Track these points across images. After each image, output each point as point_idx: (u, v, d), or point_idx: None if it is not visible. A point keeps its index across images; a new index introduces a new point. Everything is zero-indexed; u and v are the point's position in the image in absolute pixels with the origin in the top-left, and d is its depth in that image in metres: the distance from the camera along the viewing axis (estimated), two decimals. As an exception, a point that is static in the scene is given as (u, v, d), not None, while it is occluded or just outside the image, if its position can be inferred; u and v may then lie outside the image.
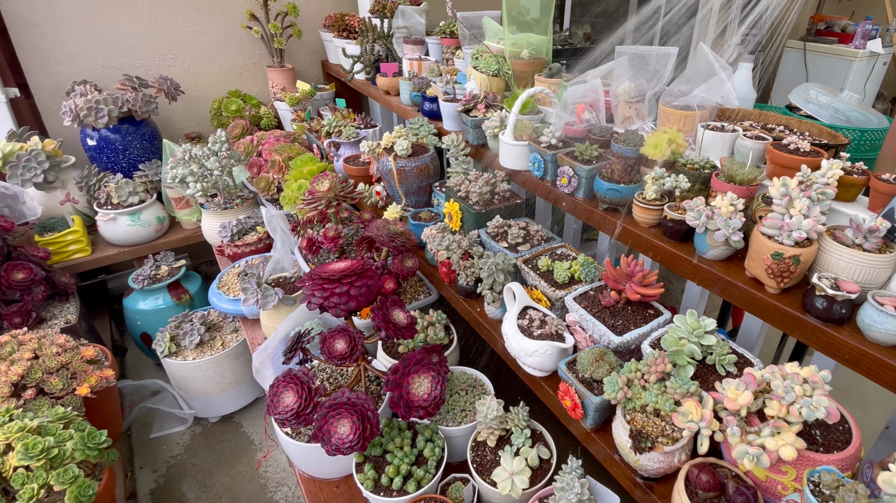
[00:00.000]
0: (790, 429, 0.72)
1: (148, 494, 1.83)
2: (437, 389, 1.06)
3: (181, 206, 2.30)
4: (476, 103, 1.61)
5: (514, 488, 0.98)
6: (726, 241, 0.94)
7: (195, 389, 1.90)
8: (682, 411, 0.80)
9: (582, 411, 0.96)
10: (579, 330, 1.09)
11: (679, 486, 0.80)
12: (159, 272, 2.10)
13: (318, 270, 1.12)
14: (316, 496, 1.20)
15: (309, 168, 1.87)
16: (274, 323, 1.55)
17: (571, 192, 1.23)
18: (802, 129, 1.19)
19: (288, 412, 1.00)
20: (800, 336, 0.86)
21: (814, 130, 1.18)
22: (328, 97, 2.76)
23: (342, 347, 1.06)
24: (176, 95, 2.44)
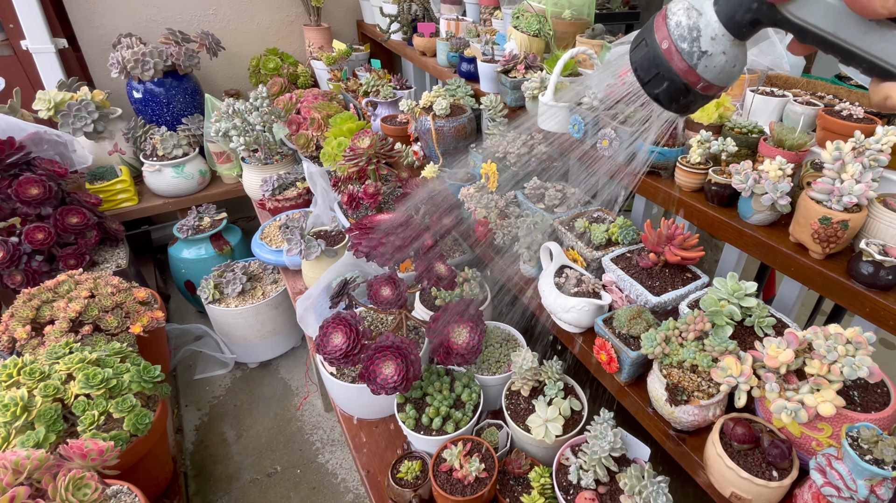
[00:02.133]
0: (831, 386, 0.74)
1: (193, 429, 1.96)
2: (475, 339, 1.11)
3: (222, 160, 2.36)
4: (515, 64, 1.60)
5: (548, 434, 1.04)
6: (772, 205, 0.95)
7: (236, 335, 2.00)
8: (721, 366, 0.82)
9: (617, 365, 1.00)
10: (615, 290, 1.11)
11: (714, 438, 0.84)
12: (202, 223, 2.19)
13: (365, 220, 1.16)
14: (356, 435, 1.28)
15: (348, 126, 1.89)
16: (315, 273, 1.61)
17: (612, 155, 1.23)
18: (853, 99, 1.16)
19: (337, 352, 1.07)
20: (843, 301, 0.87)
21: (864, 101, 1.15)
22: (363, 58, 2.76)
23: (388, 293, 1.11)
24: (217, 51, 2.47)
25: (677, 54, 0.44)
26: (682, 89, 0.45)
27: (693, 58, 0.43)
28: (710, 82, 0.45)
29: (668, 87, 0.46)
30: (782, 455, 0.79)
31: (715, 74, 0.44)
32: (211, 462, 1.85)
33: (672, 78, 0.45)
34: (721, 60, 0.43)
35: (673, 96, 0.46)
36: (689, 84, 0.45)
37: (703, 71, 0.44)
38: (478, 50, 1.70)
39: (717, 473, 0.84)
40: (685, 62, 0.44)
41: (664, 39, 0.45)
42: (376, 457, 1.24)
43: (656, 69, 0.46)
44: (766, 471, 0.80)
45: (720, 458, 0.82)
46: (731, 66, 0.44)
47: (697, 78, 0.44)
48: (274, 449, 1.88)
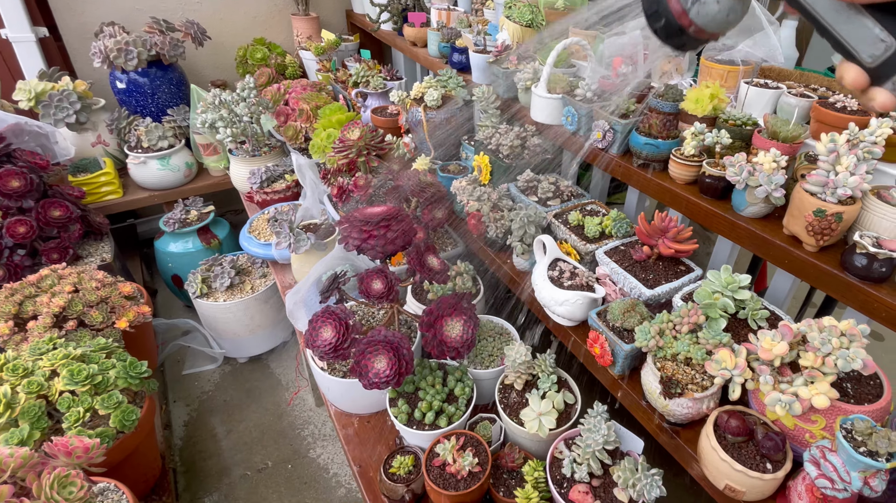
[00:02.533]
0: (825, 379, 0.74)
1: (182, 425, 1.93)
2: (469, 332, 1.10)
3: (209, 152, 2.32)
4: (508, 55, 1.58)
5: (542, 428, 1.03)
6: (767, 197, 0.94)
7: (225, 330, 1.97)
8: (715, 359, 0.82)
9: (611, 358, 0.99)
10: (609, 283, 1.11)
11: (708, 430, 0.84)
12: (189, 216, 2.15)
13: (356, 213, 1.14)
14: (348, 430, 1.27)
15: (338, 117, 1.87)
16: (305, 267, 1.59)
17: (606, 147, 1.22)
18: (846, 91, 1.16)
19: (326, 346, 1.05)
20: (836, 294, 0.87)
21: (859, 91, 1.15)
22: (352, 48, 2.72)
23: (380, 287, 1.09)
24: (202, 40, 2.42)
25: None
26: (676, 29, 0.47)
27: (687, 2, 0.45)
28: (701, 27, 0.46)
29: (664, 25, 0.48)
30: (776, 447, 0.79)
31: (706, 21, 0.45)
32: (200, 458, 1.83)
33: (668, 17, 0.47)
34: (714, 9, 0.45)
35: (669, 34, 0.48)
36: (682, 26, 0.47)
37: (694, 16, 0.45)
38: (470, 40, 1.68)
39: (712, 466, 0.84)
40: (680, 4, 0.45)
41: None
42: (368, 452, 1.23)
43: (656, 5, 0.47)
44: (759, 464, 0.80)
45: (714, 451, 0.82)
46: (724, 16, 0.45)
47: (689, 21, 0.46)
48: (265, 444, 1.86)
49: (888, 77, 0.38)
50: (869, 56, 0.38)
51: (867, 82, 0.39)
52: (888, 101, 0.38)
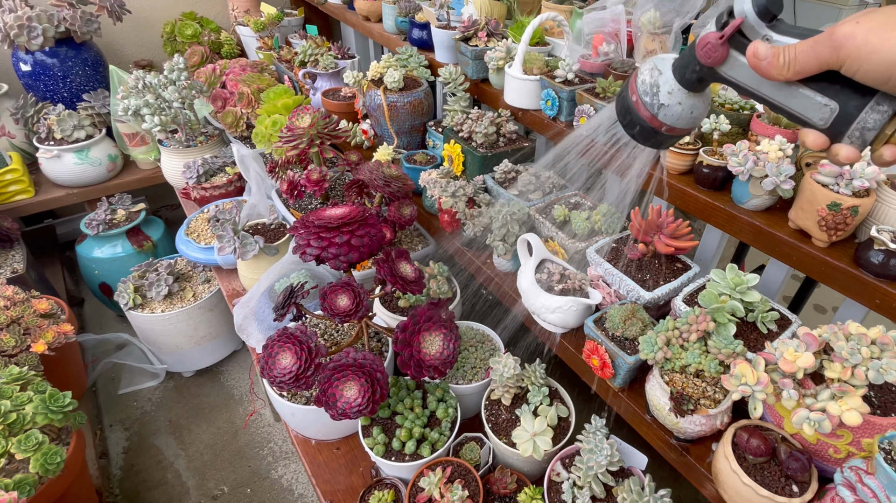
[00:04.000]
0: (856, 393, 0.67)
1: (121, 453, 1.72)
2: (450, 347, 0.97)
3: (135, 143, 2.05)
4: (476, 31, 1.44)
5: (537, 450, 0.93)
6: (773, 189, 0.86)
7: (166, 343, 1.76)
8: (734, 374, 0.74)
9: (612, 371, 0.90)
10: (603, 285, 1.01)
11: (726, 451, 0.76)
12: (116, 216, 1.89)
13: (312, 217, 0.98)
14: (314, 459, 1.12)
15: (284, 101, 1.67)
16: (254, 274, 1.41)
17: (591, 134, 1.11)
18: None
19: (286, 375, 0.90)
20: (850, 293, 0.81)
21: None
22: (296, 23, 2.48)
23: (346, 304, 0.95)
24: (121, 15, 2.12)
25: (643, 105, 0.53)
26: (650, 132, 0.55)
27: (654, 108, 0.53)
28: (671, 126, 0.53)
29: (640, 130, 0.55)
30: (803, 468, 0.72)
31: (674, 121, 0.53)
32: (145, 488, 1.63)
33: (641, 123, 0.54)
34: (677, 110, 0.52)
35: (645, 137, 0.56)
36: (654, 128, 0.54)
37: (663, 118, 0.53)
38: (431, 14, 1.52)
39: (732, 490, 0.76)
40: (649, 111, 0.53)
41: (633, 93, 0.54)
42: (340, 483, 1.09)
43: (630, 116, 0.55)
44: (785, 486, 0.73)
45: (735, 475, 0.74)
46: (689, 113, 0.53)
47: (660, 124, 0.53)
48: (219, 467, 1.68)
49: (843, 133, 0.42)
50: (820, 120, 0.43)
51: (827, 142, 0.44)
52: (851, 155, 0.42)
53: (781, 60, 0.42)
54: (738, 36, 0.45)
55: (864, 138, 0.41)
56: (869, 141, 0.42)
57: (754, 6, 0.43)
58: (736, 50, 0.46)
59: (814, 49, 0.41)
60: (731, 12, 0.45)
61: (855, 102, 0.41)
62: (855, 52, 0.39)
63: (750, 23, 0.44)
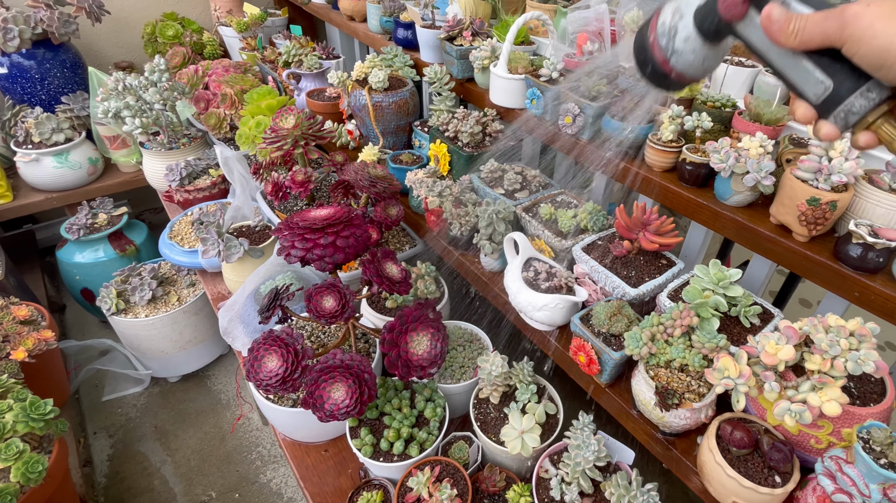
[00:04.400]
0: (835, 384, 0.68)
1: (106, 460, 1.69)
2: (438, 347, 0.97)
3: (116, 145, 2.02)
4: (461, 30, 1.44)
5: (525, 447, 0.93)
6: (754, 185, 0.88)
7: (150, 348, 1.73)
8: (717, 367, 0.75)
9: (598, 367, 0.91)
10: (589, 282, 1.02)
11: (711, 444, 0.77)
12: (97, 220, 1.86)
13: (296, 218, 0.97)
14: (302, 462, 1.12)
15: (268, 102, 1.65)
16: (239, 276, 1.40)
17: (576, 133, 1.12)
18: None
19: (273, 378, 0.89)
20: (830, 286, 0.82)
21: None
22: (280, 24, 2.46)
23: (332, 305, 0.94)
24: (99, 16, 2.08)
25: (658, 46, 0.53)
26: (661, 74, 0.55)
27: (667, 52, 0.53)
28: (681, 72, 0.54)
29: (651, 70, 0.56)
30: (785, 459, 0.73)
31: (684, 68, 0.53)
32: (130, 495, 1.61)
33: (654, 65, 0.55)
34: (690, 58, 0.52)
35: (655, 78, 0.56)
36: (665, 72, 0.54)
37: (675, 63, 0.53)
38: (416, 14, 1.51)
39: (717, 482, 0.77)
40: (662, 54, 0.53)
41: (652, 32, 0.54)
42: (329, 485, 1.08)
43: (644, 54, 0.55)
44: (768, 477, 0.74)
45: (720, 467, 0.75)
46: (700, 63, 0.53)
47: (671, 68, 0.54)
48: (206, 472, 1.66)
49: (830, 112, 0.43)
50: (814, 95, 0.44)
51: (815, 116, 0.45)
52: (831, 133, 0.44)
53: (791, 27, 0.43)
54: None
55: (848, 121, 0.43)
56: (851, 124, 0.43)
57: None
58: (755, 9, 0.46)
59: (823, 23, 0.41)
60: None
61: (849, 85, 0.42)
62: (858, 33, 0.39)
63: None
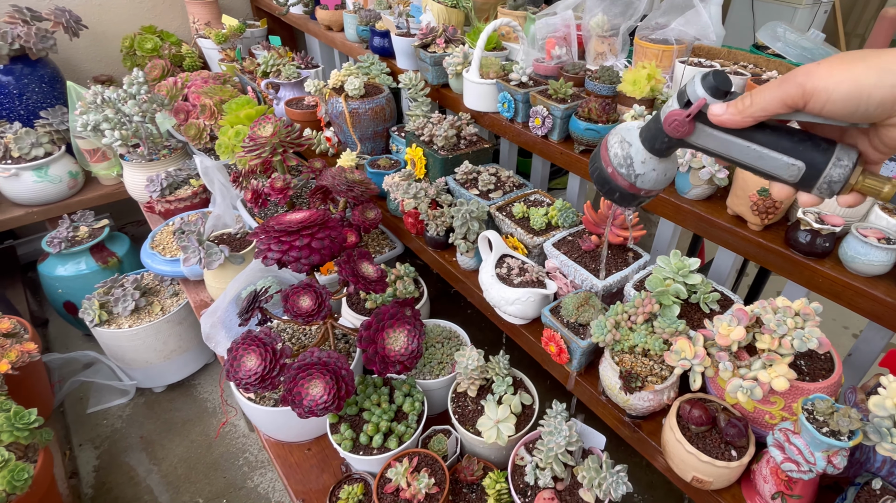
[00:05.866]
0: (782, 361, 0.73)
1: (92, 471, 1.69)
2: (414, 343, 1.00)
3: (96, 158, 2.03)
4: (434, 37, 1.49)
5: (500, 436, 0.96)
6: (710, 179, 0.92)
7: (135, 359, 1.74)
8: (674, 349, 0.79)
9: (568, 356, 0.94)
10: (560, 276, 1.06)
11: (671, 423, 0.81)
12: (78, 233, 1.86)
13: (272, 222, 1.00)
14: (286, 461, 1.14)
15: (246, 112, 1.68)
16: (221, 283, 1.42)
17: (545, 134, 1.16)
18: (771, 68, 1.18)
19: (252, 376, 0.91)
20: (782, 271, 0.87)
21: (782, 69, 1.17)
22: (259, 35, 2.49)
23: (308, 304, 0.97)
24: (77, 30, 2.10)
25: (619, 176, 0.57)
26: (630, 197, 0.60)
27: (631, 178, 0.57)
28: (649, 190, 0.58)
29: (620, 195, 0.60)
30: (740, 433, 0.77)
31: (651, 185, 0.58)
32: (117, 506, 1.61)
33: (621, 191, 0.59)
34: (653, 175, 0.57)
35: (626, 200, 0.61)
36: (634, 194, 0.59)
37: (641, 185, 0.57)
38: (391, 23, 1.56)
39: (678, 458, 0.81)
40: (626, 181, 0.57)
41: (608, 165, 0.58)
42: (312, 482, 1.10)
43: (608, 184, 0.60)
44: (725, 452, 0.78)
45: (680, 444, 0.79)
46: (663, 175, 0.58)
47: (638, 190, 0.58)
48: (193, 480, 1.67)
49: (811, 187, 0.47)
50: (789, 177, 0.48)
51: (792, 192, 0.49)
52: (810, 201, 0.48)
53: (744, 104, 0.45)
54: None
55: (832, 189, 0.46)
56: (836, 192, 0.46)
57: (707, 89, 0.48)
58: (701, 122, 0.50)
59: (779, 87, 0.42)
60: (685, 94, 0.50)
61: (819, 159, 0.45)
62: (821, 84, 0.40)
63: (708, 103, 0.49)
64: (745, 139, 0.48)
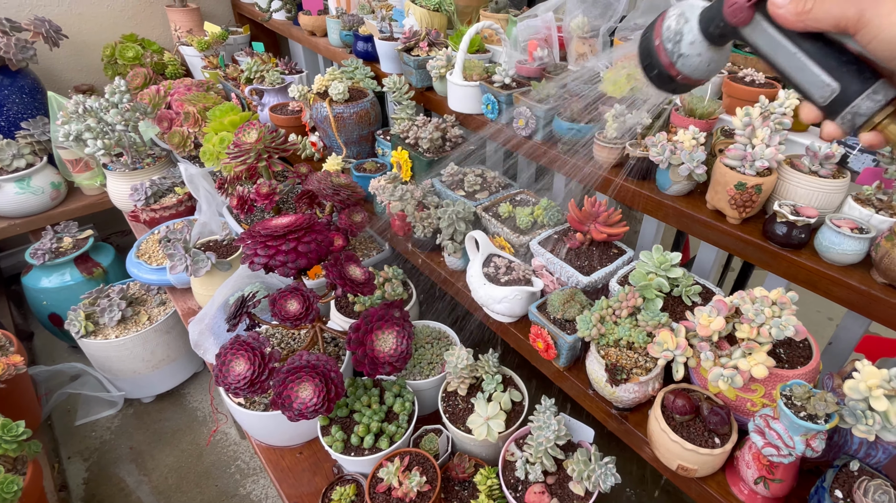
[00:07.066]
0: (761, 349, 0.75)
1: (81, 484, 1.67)
2: (403, 344, 1.01)
3: (79, 168, 2.01)
4: (418, 41, 1.50)
5: (491, 432, 0.97)
6: (689, 175, 0.94)
7: (122, 369, 1.72)
8: (657, 341, 0.80)
9: (555, 351, 0.96)
10: (546, 273, 1.07)
11: (656, 413, 0.82)
12: (62, 245, 1.85)
13: (258, 226, 1.00)
14: (278, 465, 1.14)
15: (230, 118, 1.68)
16: (208, 290, 1.41)
17: (529, 135, 1.18)
18: (748, 65, 1.21)
19: (241, 381, 0.91)
20: (761, 263, 0.89)
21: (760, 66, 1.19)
22: (242, 41, 2.49)
23: (296, 308, 0.97)
24: (57, 40, 2.08)
25: (663, 51, 0.54)
26: (667, 77, 0.56)
27: (673, 56, 0.54)
28: (687, 75, 0.55)
29: (657, 74, 0.57)
30: (722, 421, 0.79)
31: (690, 70, 0.54)
32: (107, 519, 1.59)
33: (659, 68, 0.56)
34: (696, 61, 0.54)
35: (661, 81, 0.57)
36: (671, 75, 0.55)
37: (681, 67, 0.54)
38: (374, 27, 1.57)
39: (663, 447, 0.82)
40: (668, 58, 0.54)
41: (657, 37, 0.55)
42: (305, 486, 1.11)
43: (649, 58, 0.57)
44: (708, 439, 0.80)
45: (664, 433, 0.81)
46: (706, 65, 0.54)
47: (677, 72, 0.55)
48: (185, 490, 1.66)
49: (837, 114, 0.45)
50: (820, 97, 0.45)
51: (820, 117, 0.46)
52: (835, 133, 0.45)
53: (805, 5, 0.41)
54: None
55: (854, 122, 0.44)
56: (858, 125, 0.44)
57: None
58: (760, 13, 0.47)
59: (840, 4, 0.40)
60: None
61: (855, 87, 0.43)
62: (877, 20, 0.38)
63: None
64: (795, 45, 0.46)
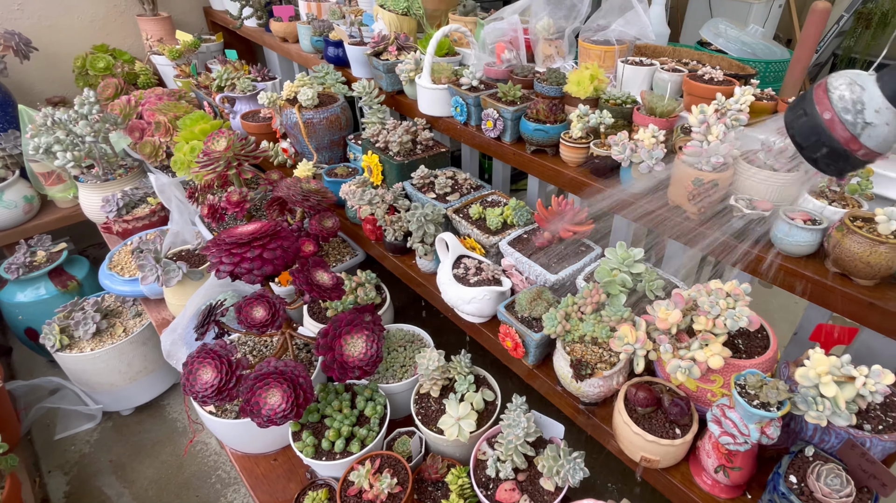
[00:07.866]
0: (717, 340, 0.76)
1: (62, 498, 1.65)
2: (373, 348, 1.01)
3: (51, 181, 1.99)
4: (386, 45, 1.50)
5: (462, 432, 0.98)
6: (650, 172, 0.96)
7: (99, 382, 1.70)
8: (617, 336, 0.82)
9: (523, 349, 0.96)
10: (515, 273, 1.08)
11: (619, 406, 0.83)
12: (36, 258, 1.82)
13: (224, 234, 1.00)
14: (252, 472, 1.13)
15: (201, 127, 1.67)
16: (181, 300, 1.40)
17: (498, 136, 1.19)
18: (713, 63, 1.23)
19: (208, 389, 0.91)
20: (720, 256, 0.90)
21: (724, 64, 1.22)
22: (216, 49, 2.48)
23: (262, 314, 0.97)
24: (27, 53, 2.06)
25: (840, 125, 0.48)
26: (842, 155, 0.50)
27: (857, 128, 0.48)
28: (871, 149, 0.49)
29: (827, 153, 0.51)
30: (682, 412, 0.81)
31: (878, 143, 0.48)
32: (88, 533, 1.57)
33: (833, 145, 0.50)
34: (884, 131, 0.47)
35: (831, 161, 0.51)
36: (850, 151, 0.49)
37: (866, 140, 0.48)
38: (344, 32, 1.57)
39: (626, 440, 0.83)
40: (848, 132, 0.48)
41: (826, 111, 0.49)
42: (280, 493, 1.10)
43: (816, 136, 0.50)
44: (669, 430, 0.81)
45: (627, 426, 0.82)
46: (894, 136, 0.48)
47: (860, 146, 0.49)
48: (166, 500, 1.64)
49: None
50: None
51: None
52: None
53: None
54: None
55: None
56: None
57: None
58: None
59: None
60: None
61: None
62: None
63: None
64: None
